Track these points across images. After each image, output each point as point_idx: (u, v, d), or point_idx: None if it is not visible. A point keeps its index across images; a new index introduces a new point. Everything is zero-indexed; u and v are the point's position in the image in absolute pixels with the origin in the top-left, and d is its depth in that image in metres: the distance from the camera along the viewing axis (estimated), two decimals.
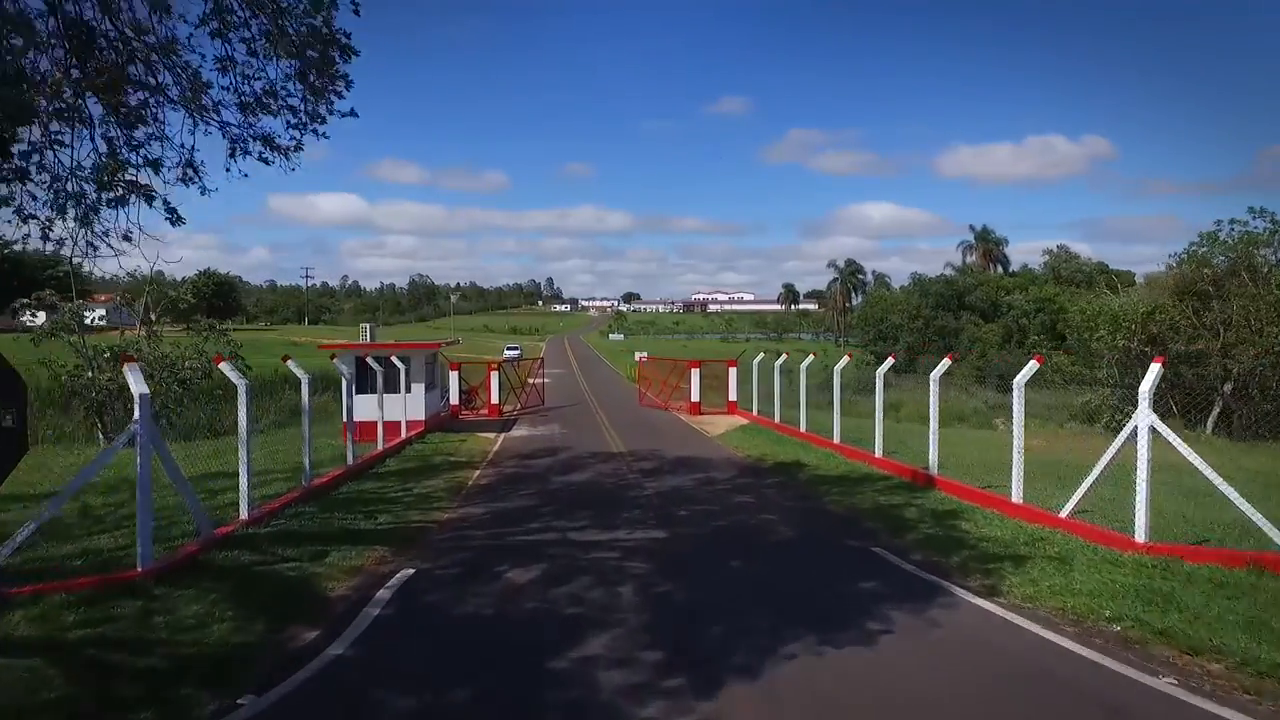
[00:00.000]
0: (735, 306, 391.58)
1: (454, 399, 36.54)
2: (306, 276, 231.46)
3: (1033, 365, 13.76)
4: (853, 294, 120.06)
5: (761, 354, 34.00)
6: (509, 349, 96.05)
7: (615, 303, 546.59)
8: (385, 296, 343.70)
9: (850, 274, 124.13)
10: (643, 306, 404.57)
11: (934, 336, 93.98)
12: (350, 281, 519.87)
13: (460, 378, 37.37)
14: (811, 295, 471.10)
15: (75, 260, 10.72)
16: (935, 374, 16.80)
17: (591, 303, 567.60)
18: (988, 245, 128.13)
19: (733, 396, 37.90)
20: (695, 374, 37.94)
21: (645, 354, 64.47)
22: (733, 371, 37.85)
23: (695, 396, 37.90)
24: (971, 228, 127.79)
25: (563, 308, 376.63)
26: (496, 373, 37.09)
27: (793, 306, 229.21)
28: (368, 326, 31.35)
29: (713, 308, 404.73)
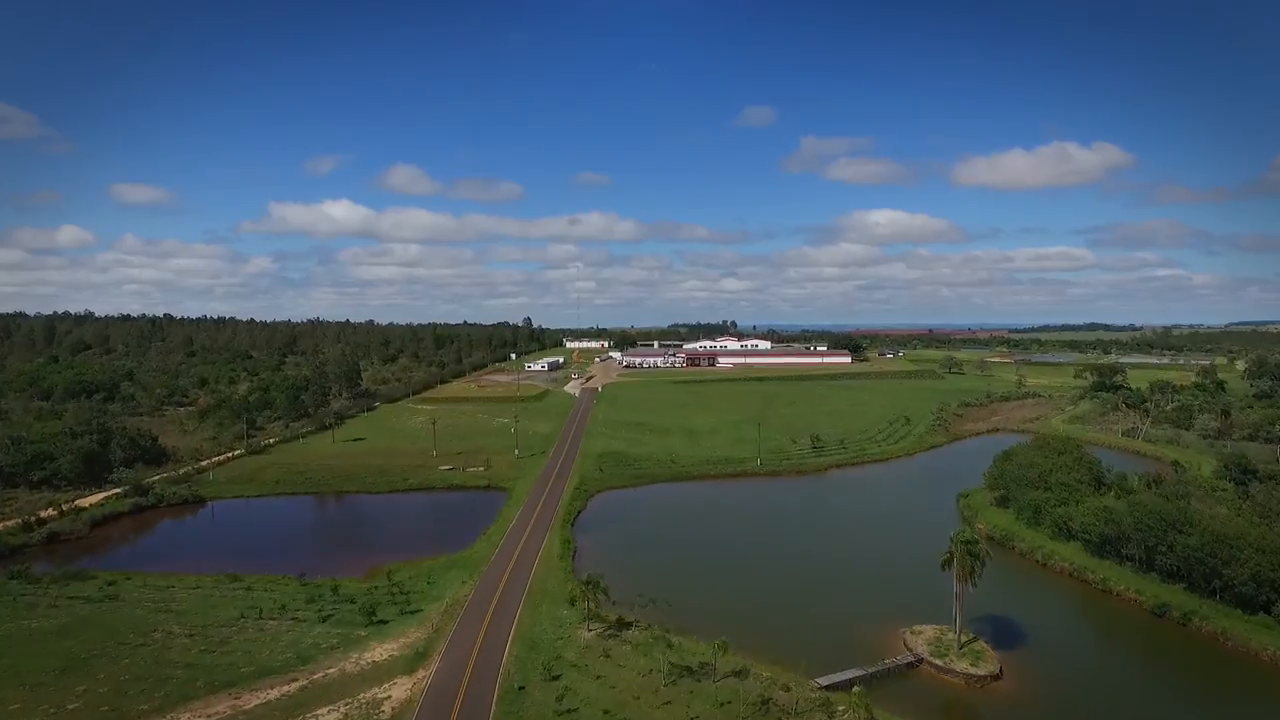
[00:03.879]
0: (762, 359, 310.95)
1: None
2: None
3: None
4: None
5: None
6: None
7: (605, 345, 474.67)
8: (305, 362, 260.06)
9: None
10: (639, 361, 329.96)
11: None
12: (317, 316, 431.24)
13: None
14: (835, 346, 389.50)
15: None
16: None
17: (578, 344, 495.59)
18: None
19: None
20: None
21: None
22: None
23: None
24: None
25: (537, 368, 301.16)
26: None
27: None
28: None
29: (724, 362, 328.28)
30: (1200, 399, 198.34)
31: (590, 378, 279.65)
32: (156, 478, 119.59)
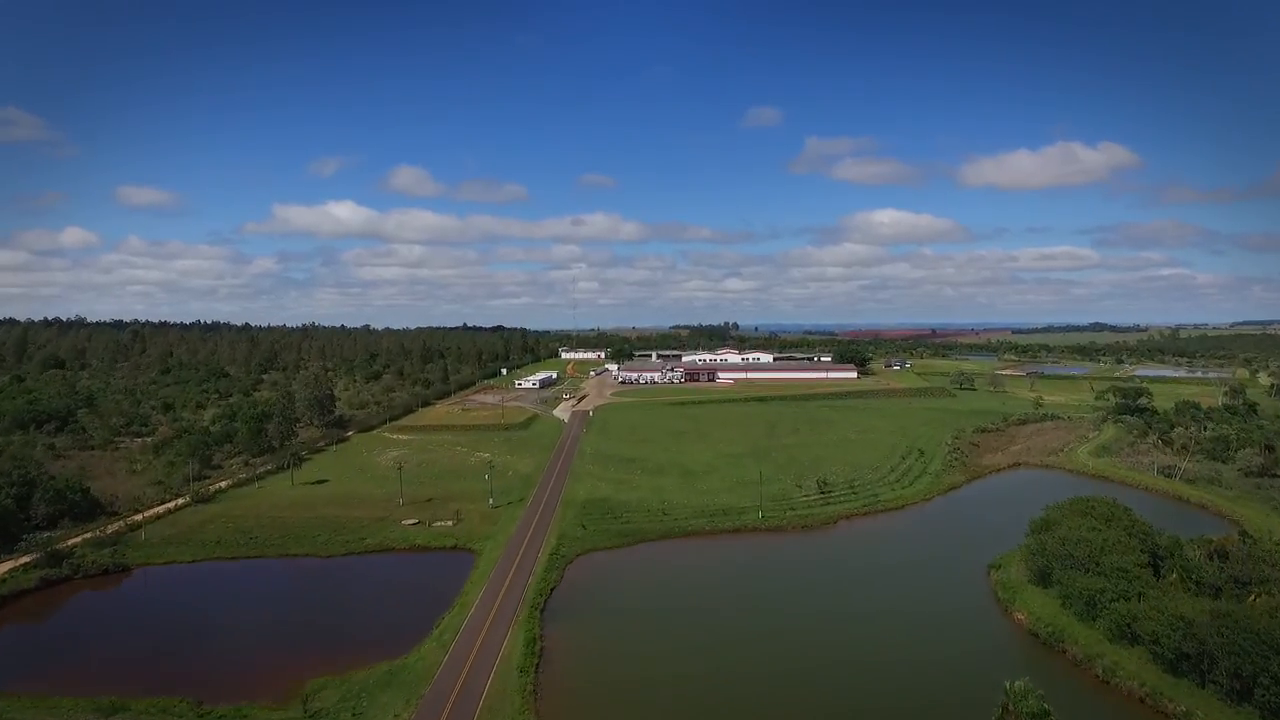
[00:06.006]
0: (764, 374, 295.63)
1: None
2: None
3: None
4: None
5: None
6: None
7: (601, 356, 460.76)
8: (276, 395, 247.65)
9: None
10: (635, 377, 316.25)
11: None
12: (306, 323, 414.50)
13: None
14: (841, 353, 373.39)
15: None
16: None
17: (574, 355, 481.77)
18: None
19: None
20: None
21: None
22: None
23: None
24: None
25: (528, 385, 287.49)
26: None
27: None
28: None
29: (724, 377, 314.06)
30: (1235, 426, 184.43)
31: (583, 396, 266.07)
32: (79, 539, 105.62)
